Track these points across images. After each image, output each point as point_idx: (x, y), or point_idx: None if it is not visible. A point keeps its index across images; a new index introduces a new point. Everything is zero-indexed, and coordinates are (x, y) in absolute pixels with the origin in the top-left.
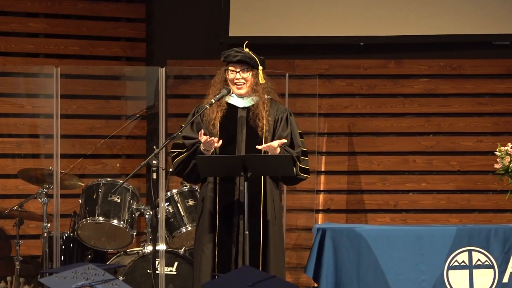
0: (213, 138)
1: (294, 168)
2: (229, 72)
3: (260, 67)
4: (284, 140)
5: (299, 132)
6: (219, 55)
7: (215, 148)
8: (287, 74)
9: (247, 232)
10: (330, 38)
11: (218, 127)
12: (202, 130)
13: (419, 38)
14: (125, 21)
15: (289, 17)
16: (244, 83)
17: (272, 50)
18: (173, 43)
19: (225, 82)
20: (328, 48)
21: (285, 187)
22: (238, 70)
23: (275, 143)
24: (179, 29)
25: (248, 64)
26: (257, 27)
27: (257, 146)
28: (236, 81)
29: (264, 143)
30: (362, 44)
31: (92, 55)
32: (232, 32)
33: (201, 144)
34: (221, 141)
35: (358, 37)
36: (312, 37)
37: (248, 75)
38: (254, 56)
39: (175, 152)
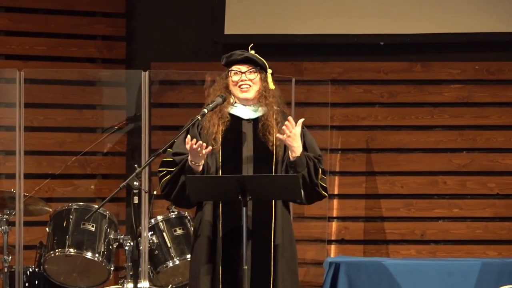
0: (200, 142)
1: (311, 177)
2: (233, 73)
3: (270, 70)
4: (300, 122)
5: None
6: (212, 57)
7: (217, 166)
8: (293, 79)
9: (245, 267)
10: (345, 36)
11: (220, 143)
12: (189, 136)
13: (450, 37)
14: (102, 16)
15: (296, 11)
16: (250, 86)
17: (275, 51)
18: (158, 43)
19: (227, 90)
20: (342, 48)
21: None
22: (244, 70)
23: (297, 129)
24: (165, 26)
25: (256, 64)
26: (258, 24)
27: (278, 135)
28: (241, 82)
29: (274, 161)
30: (382, 43)
31: (63, 56)
32: (228, 30)
33: (189, 156)
34: (210, 148)
35: (377, 35)
36: (323, 35)
37: (255, 77)
38: (262, 59)
39: (164, 171)
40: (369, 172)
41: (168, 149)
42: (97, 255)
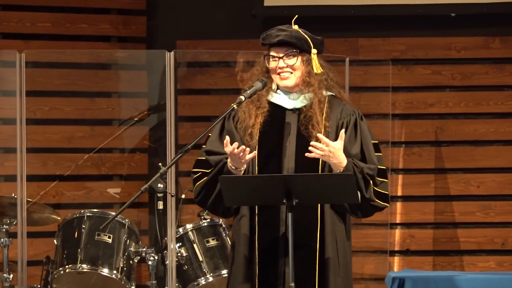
0: (243, 147)
1: (362, 192)
2: (270, 58)
3: (314, 51)
4: (342, 134)
5: (374, 144)
6: (250, 33)
7: (253, 166)
8: (347, 59)
9: (292, 284)
10: (408, 6)
11: (257, 138)
12: (228, 138)
13: None
14: None
15: None
16: (290, 72)
17: (325, 25)
18: (184, 17)
19: (267, 75)
20: (405, 21)
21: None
22: (281, 55)
23: (338, 143)
24: None
25: (294, 47)
26: None
27: (308, 150)
28: (279, 70)
29: (321, 161)
30: (453, 15)
31: (71, 34)
32: (269, 1)
33: (228, 159)
34: (255, 153)
35: (447, 5)
36: (381, 6)
37: (295, 61)
38: (306, 36)
39: (199, 172)
40: (438, 169)
41: (203, 146)
42: (115, 271)
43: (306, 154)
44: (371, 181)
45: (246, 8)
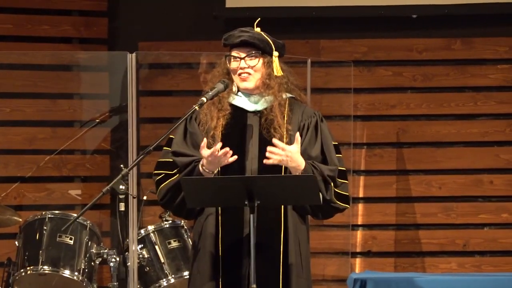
0: (227, 149)
1: (323, 194)
2: (231, 59)
3: (276, 53)
4: (298, 138)
5: (334, 145)
6: (211, 34)
7: (218, 170)
8: (309, 61)
9: (254, 286)
10: (369, 8)
11: (219, 140)
12: (205, 140)
13: (496, 7)
14: None
15: None
16: (250, 74)
17: (287, 27)
18: (146, 19)
19: (228, 76)
20: (366, 22)
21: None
22: (243, 55)
23: (294, 147)
24: None
25: (256, 48)
26: None
27: (268, 150)
28: (240, 70)
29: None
30: (414, 16)
31: (32, 36)
32: (231, 2)
33: (202, 162)
34: (235, 157)
35: (409, 6)
36: (343, 8)
37: (256, 63)
38: (268, 38)
39: (161, 174)
40: (400, 171)
41: (164, 148)
42: (76, 273)
43: (265, 161)
44: (331, 183)
45: (208, 9)
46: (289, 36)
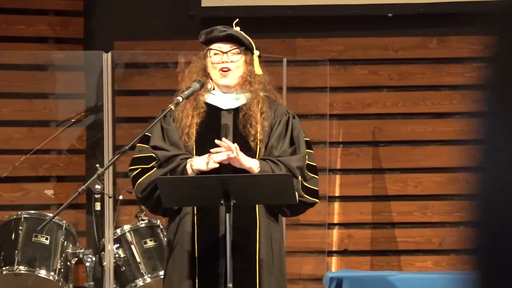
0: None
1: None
2: (213, 53)
3: (257, 52)
4: (235, 145)
5: (306, 141)
6: (187, 34)
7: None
8: (284, 60)
9: (230, 285)
10: (345, 7)
11: (194, 138)
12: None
13: (472, 5)
14: None
15: None
16: (230, 70)
17: (263, 26)
18: (122, 18)
19: (205, 73)
20: (342, 21)
21: (283, 220)
22: (225, 50)
23: (241, 154)
24: None
25: (240, 44)
26: None
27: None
28: (222, 65)
29: (258, 158)
30: (390, 15)
31: (8, 35)
32: (207, 1)
33: (191, 162)
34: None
35: (384, 5)
36: (319, 7)
37: (239, 59)
38: (248, 38)
39: (138, 169)
40: (376, 170)
41: (138, 145)
42: (52, 273)
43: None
44: (299, 176)
45: (184, 9)
46: (265, 35)
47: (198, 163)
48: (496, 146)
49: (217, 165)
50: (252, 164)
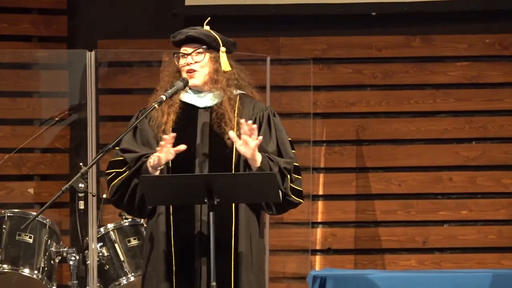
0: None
1: (281, 191)
2: (180, 56)
3: (223, 49)
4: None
5: (289, 141)
6: (171, 32)
7: (166, 164)
8: (268, 58)
9: (214, 284)
10: (329, 6)
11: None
12: (171, 134)
13: (455, 5)
14: None
15: None
16: (196, 71)
17: (247, 25)
18: (105, 17)
19: (178, 74)
20: (326, 20)
21: (267, 219)
22: (190, 51)
23: (252, 141)
24: None
25: (202, 43)
26: None
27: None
28: (187, 67)
29: (234, 159)
30: (374, 14)
31: None
32: (191, 0)
33: (150, 159)
34: (184, 146)
35: (368, 4)
36: (302, 5)
37: (203, 58)
38: (215, 34)
39: (113, 173)
40: (360, 168)
41: (115, 148)
42: (35, 271)
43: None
44: (288, 175)
45: (168, 7)
46: (249, 33)
47: (154, 159)
48: None
49: (172, 156)
50: (258, 156)
